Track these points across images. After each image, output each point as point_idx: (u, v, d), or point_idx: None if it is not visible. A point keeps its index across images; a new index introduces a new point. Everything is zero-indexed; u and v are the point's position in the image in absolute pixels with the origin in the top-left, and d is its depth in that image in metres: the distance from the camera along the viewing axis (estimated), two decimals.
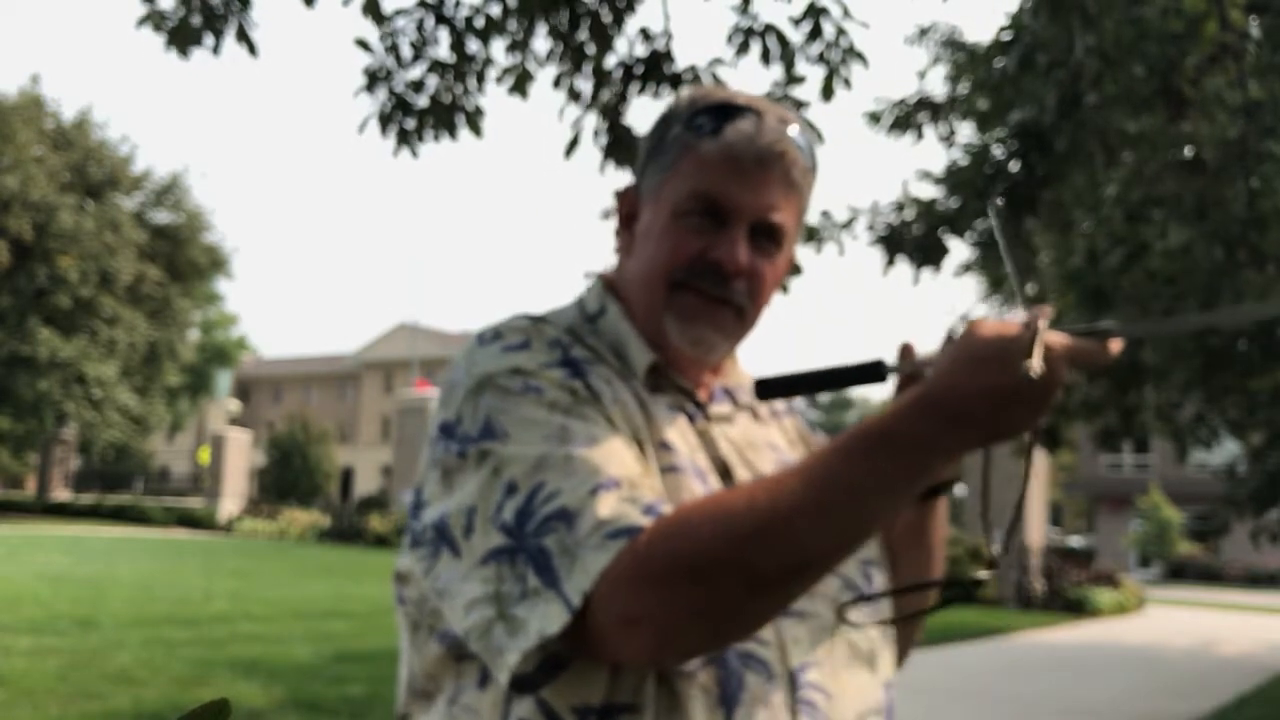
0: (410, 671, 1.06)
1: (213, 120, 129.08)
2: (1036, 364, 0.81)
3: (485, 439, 0.97)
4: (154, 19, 4.11)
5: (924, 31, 9.18)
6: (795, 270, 4.14)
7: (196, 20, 4.11)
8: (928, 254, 6.12)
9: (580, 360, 1.04)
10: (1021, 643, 14.85)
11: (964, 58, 8.65)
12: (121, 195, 36.68)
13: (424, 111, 4.48)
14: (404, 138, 4.50)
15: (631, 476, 0.94)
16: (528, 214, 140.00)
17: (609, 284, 1.15)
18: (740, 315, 1.09)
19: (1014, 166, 5.95)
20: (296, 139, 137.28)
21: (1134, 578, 27.33)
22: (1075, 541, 43.80)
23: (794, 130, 1.08)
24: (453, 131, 4.51)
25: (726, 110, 1.07)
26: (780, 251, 1.10)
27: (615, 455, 0.95)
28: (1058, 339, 0.86)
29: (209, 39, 4.15)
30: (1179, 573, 38.60)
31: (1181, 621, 19.91)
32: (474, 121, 4.55)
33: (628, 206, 1.15)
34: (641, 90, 4.36)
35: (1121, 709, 9.46)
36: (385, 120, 4.48)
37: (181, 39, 4.12)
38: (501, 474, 0.95)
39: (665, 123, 1.11)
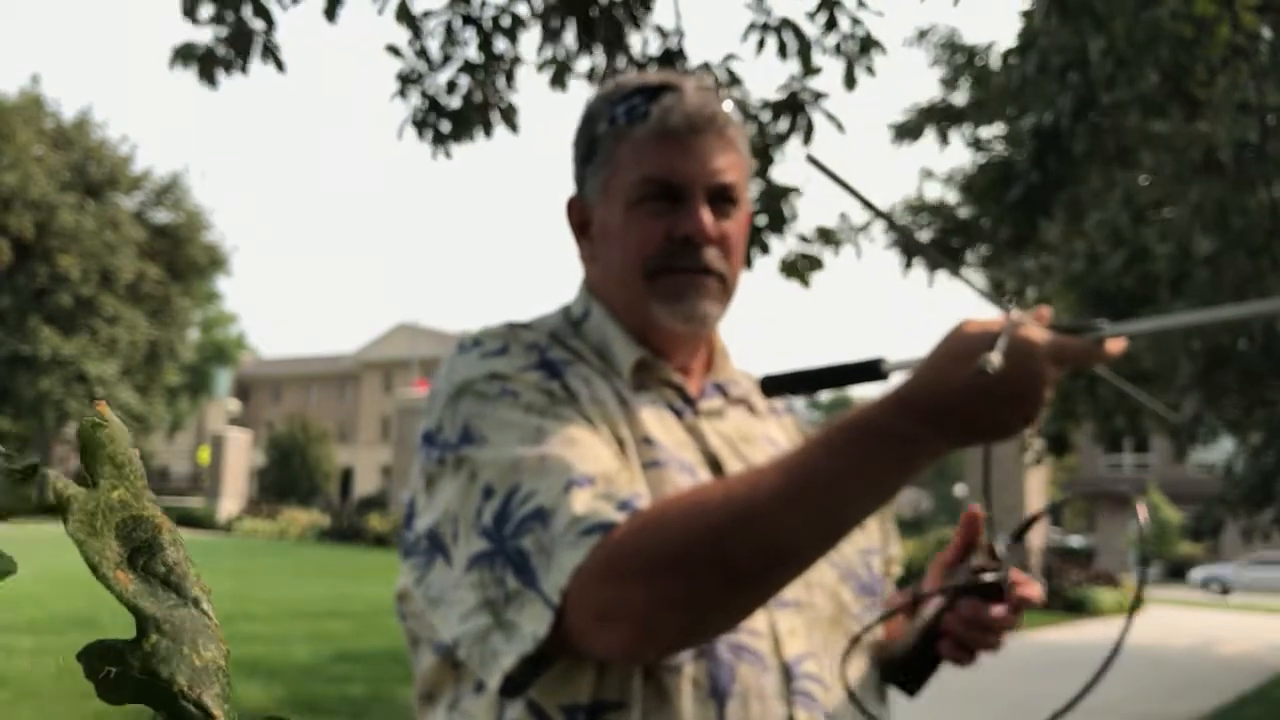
0: (418, 680, 1.07)
1: (213, 120, 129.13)
2: (995, 358, 0.79)
3: (463, 445, 0.97)
4: (185, 54, 4.08)
5: (923, 34, 9.17)
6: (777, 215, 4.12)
7: (223, 50, 4.08)
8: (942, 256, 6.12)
9: (557, 361, 1.04)
10: (1021, 643, 14.86)
11: (962, 59, 8.65)
12: (121, 194, 36.66)
13: (457, 112, 4.46)
14: (439, 140, 4.48)
15: (607, 472, 0.93)
16: (529, 213, 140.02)
17: (591, 288, 1.15)
18: (722, 281, 1.09)
19: (1027, 169, 5.93)
20: (297, 138, 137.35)
21: (1134, 577, 27.29)
22: (1075, 541, 43.74)
23: (716, 95, 1.09)
24: (489, 130, 4.50)
25: (646, 92, 1.07)
26: (738, 209, 1.10)
27: (590, 453, 0.95)
28: (1041, 335, 0.84)
29: (237, 63, 4.13)
30: (1179, 573, 38.57)
31: (1181, 621, 19.91)
32: (509, 118, 4.55)
33: (577, 216, 1.15)
34: None
35: (1121, 709, 9.46)
36: (420, 124, 4.46)
37: (211, 68, 4.10)
38: (479, 478, 0.95)
39: (589, 123, 1.11)
